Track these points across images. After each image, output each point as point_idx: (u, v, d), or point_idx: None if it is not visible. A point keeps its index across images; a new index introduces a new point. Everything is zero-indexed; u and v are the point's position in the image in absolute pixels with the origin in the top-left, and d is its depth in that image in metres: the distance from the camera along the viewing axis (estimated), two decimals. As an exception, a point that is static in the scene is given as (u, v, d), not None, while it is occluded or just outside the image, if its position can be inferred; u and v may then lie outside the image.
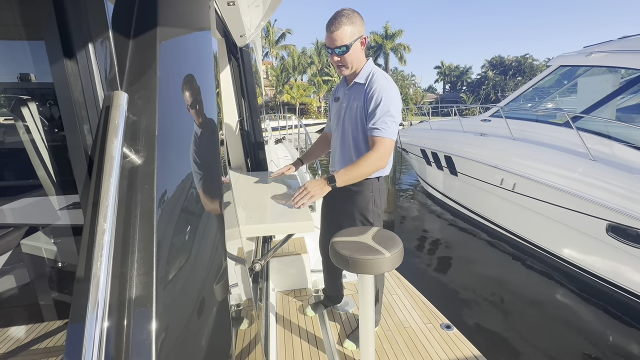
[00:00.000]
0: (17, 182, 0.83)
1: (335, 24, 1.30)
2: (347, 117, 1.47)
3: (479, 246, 4.90)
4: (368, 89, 1.38)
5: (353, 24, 1.31)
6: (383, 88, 1.35)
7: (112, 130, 0.49)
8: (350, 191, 1.49)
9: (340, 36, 1.30)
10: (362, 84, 1.41)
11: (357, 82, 1.43)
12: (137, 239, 0.49)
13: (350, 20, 1.30)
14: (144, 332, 0.46)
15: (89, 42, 0.56)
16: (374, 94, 1.35)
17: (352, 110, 1.45)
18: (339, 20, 1.30)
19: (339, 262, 1.09)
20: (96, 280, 0.42)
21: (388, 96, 1.34)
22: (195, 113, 0.70)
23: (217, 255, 0.68)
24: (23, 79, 0.72)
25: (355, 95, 1.44)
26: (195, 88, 0.71)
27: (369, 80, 1.40)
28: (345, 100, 1.49)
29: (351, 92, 1.47)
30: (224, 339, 0.68)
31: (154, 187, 0.52)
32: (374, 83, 1.37)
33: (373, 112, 1.35)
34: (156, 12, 0.63)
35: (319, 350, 1.68)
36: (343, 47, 1.32)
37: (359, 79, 1.42)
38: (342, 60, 1.36)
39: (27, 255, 0.81)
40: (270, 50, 34.89)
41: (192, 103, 0.69)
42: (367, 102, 1.37)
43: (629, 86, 4.05)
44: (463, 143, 5.48)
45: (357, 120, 1.43)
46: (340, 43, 1.31)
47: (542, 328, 3.04)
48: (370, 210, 1.52)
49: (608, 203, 3.16)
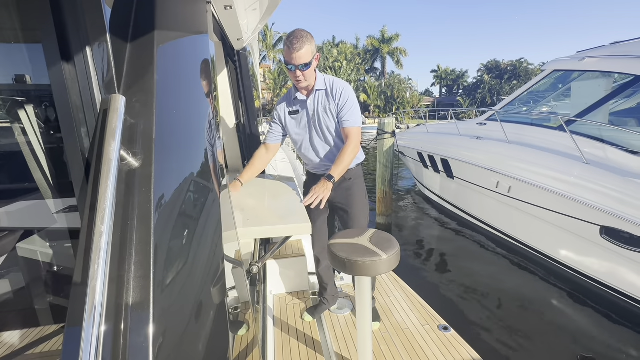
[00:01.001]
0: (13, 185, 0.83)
1: (298, 44, 1.45)
2: (327, 120, 1.64)
3: (476, 248, 4.92)
4: (332, 90, 1.61)
5: (311, 43, 1.49)
6: (344, 86, 1.61)
7: (110, 133, 0.50)
8: (347, 182, 1.69)
9: (304, 55, 1.47)
10: (324, 89, 1.62)
11: (317, 89, 1.62)
12: (134, 241, 0.49)
13: (309, 41, 1.49)
14: (141, 335, 0.46)
15: (86, 45, 0.56)
16: (341, 92, 1.59)
17: (328, 112, 1.63)
18: (301, 40, 1.46)
19: (336, 264, 1.09)
20: (93, 283, 0.42)
21: (350, 92, 1.61)
22: (193, 116, 0.70)
23: (214, 258, 0.68)
24: (20, 82, 0.72)
25: (320, 99, 1.63)
26: (193, 91, 0.72)
27: (327, 83, 1.62)
28: (310, 108, 1.65)
29: (314, 99, 1.64)
30: (222, 343, 0.68)
31: (152, 190, 0.52)
32: (335, 84, 1.61)
33: (343, 107, 1.59)
34: (154, 15, 0.64)
35: (317, 353, 1.67)
36: (306, 64, 1.49)
37: (318, 86, 1.62)
38: (304, 75, 1.53)
39: (23, 259, 0.80)
40: (267, 53, 34.98)
41: (189, 106, 0.70)
42: (335, 99, 1.60)
43: (621, 90, 4.12)
44: (459, 146, 5.52)
45: (332, 117, 1.63)
46: (304, 61, 1.48)
47: (538, 329, 3.06)
48: (365, 193, 1.79)
49: (601, 206, 3.19)
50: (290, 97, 1.71)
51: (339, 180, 1.61)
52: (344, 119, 1.59)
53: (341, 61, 32.84)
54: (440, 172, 6.08)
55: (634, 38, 4.28)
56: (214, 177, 0.72)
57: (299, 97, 1.66)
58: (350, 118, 1.59)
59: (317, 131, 1.67)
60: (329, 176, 1.52)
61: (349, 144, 1.57)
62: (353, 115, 1.59)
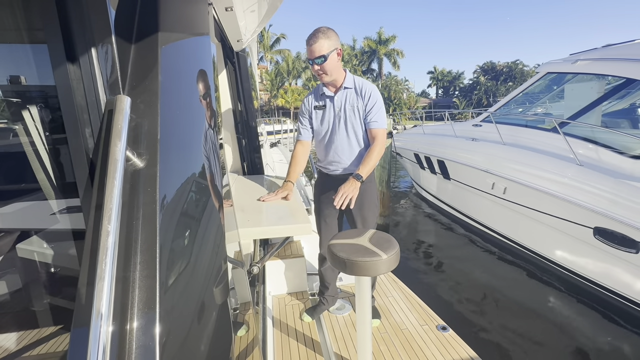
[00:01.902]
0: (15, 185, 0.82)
1: (313, 39, 1.53)
2: (348, 117, 1.67)
3: (473, 249, 4.95)
4: (361, 90, 1.64)
5: (328, 38, 1.53)
6: (373, 88, 1.66)
7: (115, 134, 0.50)
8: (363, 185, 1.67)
9: (318, 48, 1.52)
10: (351, 87, 1.66)
11: (346, 87, 1.66)
12: (139, 241, 0.49)
13: (326, 35, 1.53)
14: (147, 336, 0.46)
15: (91, 46, 0.56)
16: (370, 93, 1.63)
17: (355, 110, 1.66)
18: (317, 35, 1.53)
19: (336, 264, 1.10)
20: (100, 283, 0.42)
21: (379, 94, 1.66)
22: (196, 116, 0.70)
23: (217, 259, 0.69)
24: (24, 82, 0.72)
25: (348, 97, 1.67)
26: (196, 92, 0.72)
27: (357, 83, 1.67)
28: (338, 104, 1.68)
29: (342, 95, 1.67)
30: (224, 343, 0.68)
31: (157, 190, 0.52)
32: (364, 85, 1.65)
33: (372, 108, 1.63)
34: (157, 17, 0.64)
35: (316, 353, 1.67)
36: (321, 57, 1.54)
37: (347, 84, 1.66)
38: (321, 68, 1.57)
39: (23, 260, 0.80)
40: (264, 54, 34.96)
41: (192, 106, 0.70)
42: (364, 100, 1.64)
43: (612, 93, 4.18)
44: (455, 148, 5.56)
45: (359, 116, 1.66)
46: (319, 54, 1.53)
47: (535, 329, 3.08)
48: (377, 197, 1.81)
49: (594, 207, 3.23)
50: (317, 92, 1.75)
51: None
52: (372, 120, 1.63)
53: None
54: (437, 173, 6.12)
55: (626, 41, 4.35)
56: (217, 178, 0.73)
57: (326, 93, 1.69)
58: (379, 120, 1.63)
59: (341, 129, 1.69)
60: (358, 175, 1.55)
61: (377, 145, 1.61)
62: (381, 117, 1.64)
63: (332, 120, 1.70)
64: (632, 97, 4.40)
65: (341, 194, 1.50)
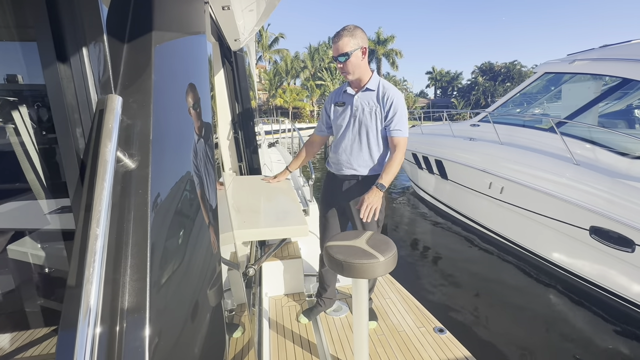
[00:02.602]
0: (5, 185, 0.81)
1: (337, 37, 1.53)
2: (363, 119, 1.64)
3: (471, 250, 4.96)
4: (384, 95, 1.59)
5: (353, 36, 1.52)
6: (398, 95, 1.60)
7: (106, 134, 0.49)
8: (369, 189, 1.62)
9: (341, 46, 1.51)
10: (374, 90, 1.62)
11: (368, 88, 1.62)
12: (130, 244, 0.49)
13: (351, 33, 1.52)
14: (137, 339, 0.45)
15: (82, 44, 0.55)
16: (392, 100, 1.58)
17: (372, 113, 1.62)
18: (341, 33, 1.53)
19: (333, 266, 1.09)
20: (88, 286, 0.41)
21: (402, 102, 1.61)
22: (190, 117, 0.69)
23: (211, 261, 0.68)
24: (13, 81, 0.71)
25: (367, 99, 1.63)
26: (190, 92, 0.71)
27: (381, 87, 1.62)
28: (356, 104, 1.65)
29: (362, 96, 1.64)
30: (218, 345, 0.67)
31: (148, 191, 0.51)
32: (388, 90, 1.60)
33: (394, 116, 1.59)
34: (151, 15, 0.63)
35: (313, 355, 1.67)
36: (344, 55, 1.52)
37: (370, 85, 1.62)
38: (344, 66, 1.56)
39: (14, 261, 0.78)
40: (263, 54, 34.92)
41: (187, 107, 0.69)
42: (385, 106, 1.59)
43: (609, 93, 4.20)
44: (453, 147, 5.57)
45: (375, 120, 1.62)
46: (342, 51, 1.52)
47: (533, 331, 3.09)
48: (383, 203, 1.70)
49: (590, 206, 3.24)
50: (342, 89, 1.74)
51: (358, 185, 1.64)
52: (395, 128, 1.59)
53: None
54: (435, 173, 6.12)
55: (623, 41, 4.38)
56: (211, 179, 0.72)
57: (348, 91, 1.68)
58: (402, 128, 1.60)
59: (354, 129, 1.66)
60: (381, 185, 1.52)
61: (398, 153, 1.58)
62: (404, 125, 1.60)
63: (347, 120, 1.68)
64: (629, 98, 4.43)
65: (365, 206, 1.48)
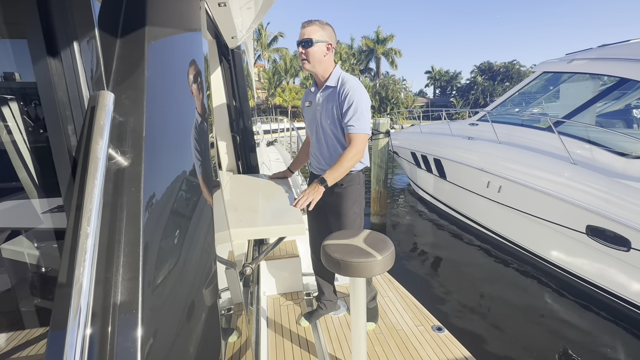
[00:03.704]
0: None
1: (307, 23, 1.50)
2: (325, 118, 1.59)
3: (469, 249, 4.97)
4: (341, 90, 1.52)
5: (322, 29, 1.49)
6: (354, 88, 1.50)
7: (98, 131, 0.48)
8: (339, 188, 1.61)
9: (308, 31, 1.48)
10: (334, 86, 1.56)
11: (328, 86, 1.57)
12: (122, 243, 0.48)
13: (321, 25, 1.50)
14: (129, 339, 0.45)
15: (73, 40, 0.54)
16: (347, 95, 1.50)
17: (328, 112, 1.57)
18: (312, 21, 1.50)
19: (330, 265, 1.09)
20: (79, 285, 0.41)
21: (359, 95, 1.50)
22: (184, 114, 0.68)
23: (206, 260, 0.67)
24: (4, 78, 0.70)
25: (329, 97, 1.58)
26: (184, 89, 0.70)
27: (340, 82, 1.55)
28: (319, 104, 1.61)
29: (324, 95, 1.60)
30: (213, 345, 0.67)
31: (141, 189, 0.51)
32: (345, 84, 1.52)
33: (347, 111, 1.50)
34: (144, 11, 0.62)
35: (311, 354, 1.66)
36: (308, 41, 1.47)
37: (330, 82, 1.57)
38: (305, 52, 1.50)
39: (7, 260, 0.77)
40: (262, 53, 34.84)
41: (181, 104, 0.68)
42: (341, 102, 1.52)
43: (607, 92, 4.21)
44: (451, 147, 5.58)
45: (334, 120, 1.57)
46: (307, 37, 1.47)
47: (530, 330, 3.10)
48: (358, 201, 1.66)
49: (587, 205, 3.25)
50: (309, 89, 1.71)
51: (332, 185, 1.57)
52: (347, 124, 1.49)
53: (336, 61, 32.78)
54: (433, 172, 6.13)
55: (621, 41, 4.38)
56: (207, 177, 0.71)
57: (312, 90, 1.66)
58: (355, 124, 1.48)
59: (319, 129, 1.63)
60: (322, 179, 1.48)
61: (349, 150, 1.49)
62: (357, 120, 1.48)
63: (312, 119, 1.66)
64: (627, 97, 4.44)
65: (301, 196, 1.45)
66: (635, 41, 4.13)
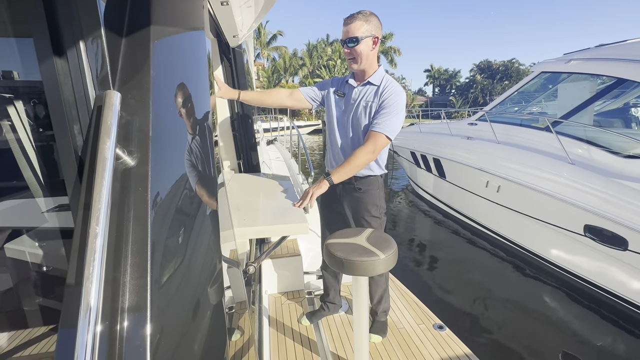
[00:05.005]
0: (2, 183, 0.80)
1: (350, 18, 1.40)
2: (359, 113, 1.51)
3: (469, 248, 4.98)
4: (384, 91, 1.46)
5: (367, 22, 1.39)
6: (396, 93, 1.45)
7: (105, 131, 0.48)
8: (358, 192, 1.54)
9: (352, 29, 1.38)
10: (376, 85, 1.49)
11: (370, 82, 1.49)
12: (130, 242, 0.48)
13: (366, 18, 1.39)
14: (138, 338, 0.45)
15: (79, 39, 0.54)
16: (388, 96, 1.44)
17: (365, 108, 1.50)
18: (355, 16, 1.40)
19: (333, 264, 1.09)
20: (88, 285, 0.41)
21: (397, 101, 1.44)
22: (189, 113, 0.68)
23: (211, 259, 0.67)
24: (9, 77, 0.70)
25: (367, 93, 1.50)
26: (189, 88, 0.70)
27: (384, 82, 1.48)
28: (355, 97, 1.53)
29: (363, 90, 1.52)
30: (219, 343, 0.67)
31: (148, 189, 0.51)
32: (389, 87, 1.46)
33: (381, 110, 1.44)
34: (149, 10, 0.62)
35: (313, 352, 1.67)
36: (354, 39, 1.39)
37: (373, 79, 1.49)
38: (352, 52, 1.43)
39: (11, 260, 0.77)
40: (261, 51, 34.76)
41: (186, 103, 0.68)
42: (380, 103, 1.46)
43: (604, 92, 4.23)
44: (451, 146, 5.60)
45: (368, 116, 1.50)
46: (352, 35, 1.39)
47: (531, 328, 3.11)
48: (378, 206, 1.58)
49: (585, 205, 3.27)
50: (345, 78, 1.62)
51: (350, 187, 1.53)
52: (374, 122, 1.43)
53: (335, 59, 32.83)
54: (433, 171, 6.14)
55: (618, 41, 4.39)
56: (211, 176, 0.71)
57: (350, 82, 1.57)
58: (382, 123, 1.41)
59: (347, 122, 1.55)
60: (328, 177, 1.43)
61: (365, 146, 1.41)
62: (385, 121, 1.42)
63: (342, 111, 1.58)
64: (624, 97, 4.45)
65: (304, 193, 1.39)
66: (632, 41, 4.15)
